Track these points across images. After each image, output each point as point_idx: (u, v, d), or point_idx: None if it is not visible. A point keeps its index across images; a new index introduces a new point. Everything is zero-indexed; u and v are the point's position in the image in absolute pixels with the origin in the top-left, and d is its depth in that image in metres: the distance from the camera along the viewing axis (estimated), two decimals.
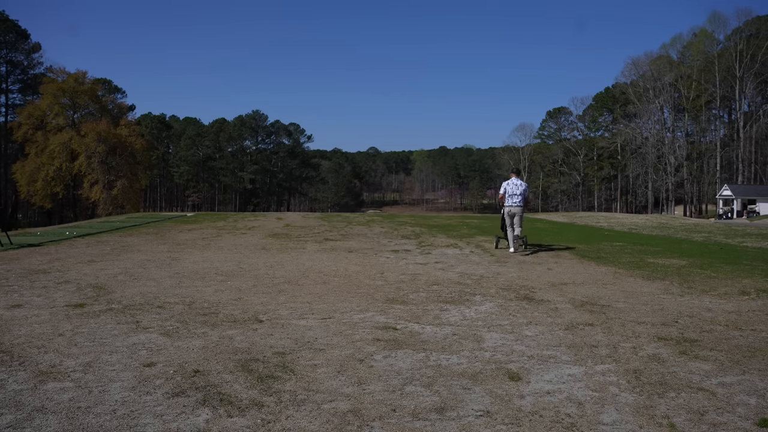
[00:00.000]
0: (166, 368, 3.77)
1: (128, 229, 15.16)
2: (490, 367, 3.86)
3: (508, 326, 5.03)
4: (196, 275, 7.69)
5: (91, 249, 10.62)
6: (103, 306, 5.67)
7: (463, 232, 15.67)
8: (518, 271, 8.44)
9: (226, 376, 3.64)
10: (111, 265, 8.48)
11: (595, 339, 4.60)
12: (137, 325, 4.90)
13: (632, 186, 76.09)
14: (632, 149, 71.10)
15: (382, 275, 7.78)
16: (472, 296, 6.44)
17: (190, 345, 4.32)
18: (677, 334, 4.77)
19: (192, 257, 9.60)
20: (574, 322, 5.19)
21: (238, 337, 4.55)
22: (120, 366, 3.81)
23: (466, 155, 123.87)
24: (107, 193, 49.54)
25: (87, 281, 7.10)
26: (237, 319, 5.15)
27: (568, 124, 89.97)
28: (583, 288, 7.01)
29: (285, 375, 3.67)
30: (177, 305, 5.76)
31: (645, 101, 67.99)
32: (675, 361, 4.04)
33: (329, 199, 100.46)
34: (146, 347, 4.24)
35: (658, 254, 10.70)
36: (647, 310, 5.72)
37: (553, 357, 4.11)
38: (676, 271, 8.51)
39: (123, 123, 55.18)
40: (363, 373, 3.74)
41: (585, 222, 21.41)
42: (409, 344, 4.42)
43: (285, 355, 4.07)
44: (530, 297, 6.41)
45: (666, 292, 6.80)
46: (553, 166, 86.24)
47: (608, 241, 13.36)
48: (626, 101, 72.61)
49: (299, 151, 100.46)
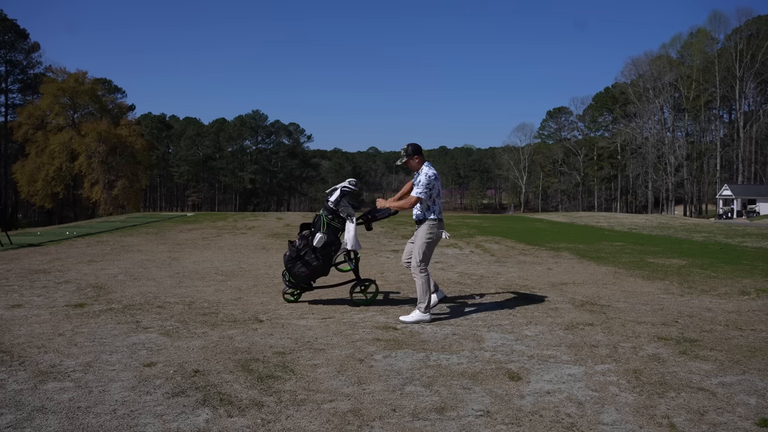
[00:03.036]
0: (166, 368, 3.76)
1: (128, 229, 15.15)
2: (490, 367, 3.86)
3: (508, 326, 5.03)
4: (196, 275, 7.69)
5: (91, 249, 10.62)
6: (103, 306, 5.67)
7: (463, 232, 15.67)
8: (518, 270, 8.43)
9: (226, 375, 3.64)
10: (111, 265, 8.48)
11: (595, 339, 4.60)
12: (137, 325, 4.90)
13: (632, 186, 76.10)
14: (632, 149, 71.11)
15: (382, 275, 7.78)
16: (471, 296, 6.43)
17: (190, 345, 4.32)
18: (677, 334, 4.76)
19: (192, 257, 9.60)
20: (574, 322, 5.19)
21: (238, 337, 4.55)
22: (120, 366, 3.80)
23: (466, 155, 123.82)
24: (107, 193, 49.55)
25: (87, 281, 7.10)
26: (237, 319, 5.15)
27: (568, 123, 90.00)
28: (583, 288, 7.01)
29: (285, 375, 3.67)
30: (177, 305, 5.76)
31: (645, 101, 68.00)
32: (675, 361, 4.04)
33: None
34: (146, 347, 4.24)
35: (658, 254, 10.70)
36: (647, 310, 5.72)
37: (553, 357, 4.11)
38: (676, 271, 8.51)
39: (123, 123, 55.18)
40: (363, 372, 3.74)
41: (585, 222, 21.40)
42: (409, 344, 4.42)
43: (285, 355, 4.07)
44: (530, 297, 6.40)
45: (666, 291, 6.80)
46: (553, 166, 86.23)
47: (608, 241, 13.36)
48: (626, 101, 72.60)
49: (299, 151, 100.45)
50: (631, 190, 77.93)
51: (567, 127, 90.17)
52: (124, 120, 56.99)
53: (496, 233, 15.26)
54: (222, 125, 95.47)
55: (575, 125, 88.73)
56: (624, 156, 74.52)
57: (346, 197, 5.59)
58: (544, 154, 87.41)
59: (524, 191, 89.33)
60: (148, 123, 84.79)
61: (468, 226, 18.20)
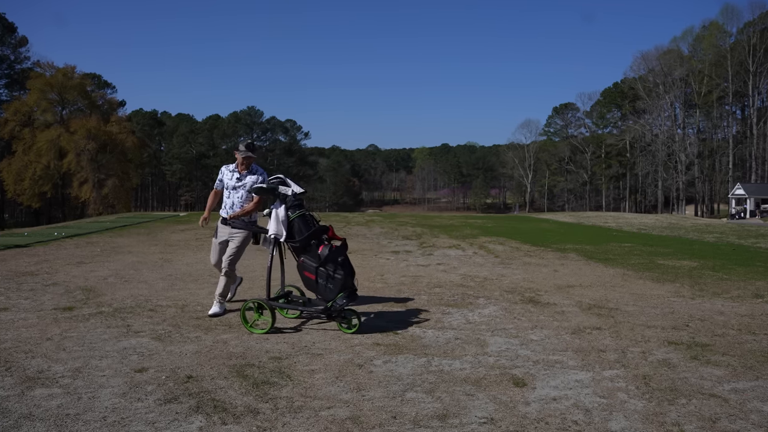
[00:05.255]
0: (158, 374, 3.77)
1: (119, 230, 15.16)
2: (494, 373, 3.86)
3: (512, 330, 5.03)
4: (189, 277, 7.69)
5: (81, 250, 10.62)
6: (92, 309, 5.67)
7: (466, 232, 15.68)
8: (523, 273, 8.43)
9: (221, 381, 3.64)
10: (101, 267, 8.48)
11: (603, 343, 4.61)
12: (128, 329, 4.90)
13: (641, 185, 76.10)
14: (641, 146, 71.12)
15: (382, 277, 7.78)
16: (475, 299, 6.44)
17: (183, 350, 4.32)
18: (688, 339, 4.77)
19: (185, 258, 9.60)
20: (581, 325, 5.20)
21: (232, 342, 4.55)
22: (110, 371, 3.81)
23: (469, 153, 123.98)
24: (97, 192, 49.54)
25: (76, 284, 7.10)
26: (231, 323, 5.15)
27: (574, 120, 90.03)
28: (590, 290, 7.01)
29: (281, 381, 3.67)
30: (169, 308, 5.76)
31: (655, 97, 68.00)
32: (686, 366, 4.04)
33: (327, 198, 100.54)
34: (137, 352, 4.24)
35: (668, 255, 10.70)
36: (657, 314, 5.72)
37: (559, 362, 4.11)
38: (687, 272, 8.51)
39: (113, 119, 55.18)
40: (362, 378, 3.74)
41: (593, 222, 21.41)
42: (410, 349, 4.42)
43: (281, 360, 4.08)
44: (536, 300, 6.41)
45: (677, 294, 6.80)
46: (560, 164, 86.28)
47: (617, 242, 13.36)
48: (635, 97, 72.61)
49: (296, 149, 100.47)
50: (641, 189, 77.92)
51: (574, 124, 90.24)
52: (114, 116, 56.98)
53: (500, 234, 15.26)
54: (216, 122, 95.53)
55: (582, 122, 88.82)
56: (633, 154, 74.55)
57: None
58: (550, 151, 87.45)
59: (529, 190, 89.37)
60: (139, 119, 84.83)
61: (471, 226, 18.21)
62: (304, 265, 4.93)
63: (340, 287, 4.80)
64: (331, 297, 4.80)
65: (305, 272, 4.92)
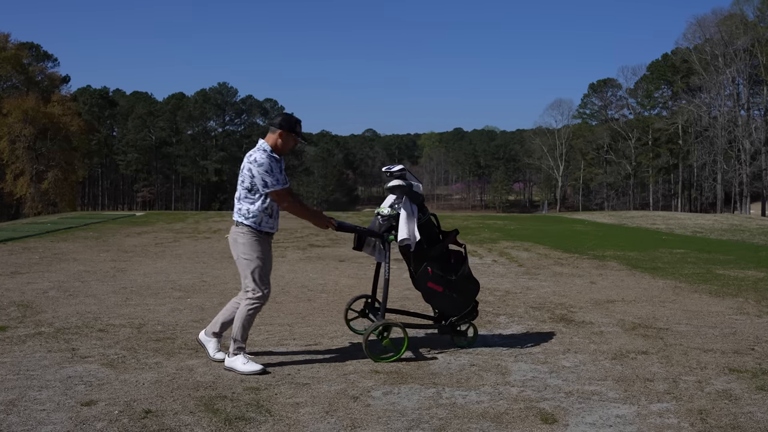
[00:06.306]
0: (110, 408, 3.77)
1: (62, 233, 15.17)
2: (517, 407, 3.87)
3: (540, 355, 5.03)
4: (147, 291, 7.71)
5: (15, 257, 10.63)
6: (30, 329, 5.68)
7: (484, 236, 15.69)
8: (553, 285, 8.44)
9: (185, 417, 3.64)
10: (40, 278, 8.49)
11: (650, 371, 4.61)
12: (73, 354, 4.91)
13: (697, 178, 76.17)
14: (697, 132, 71.16)
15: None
16: (495, 317, 6.45)
17: (140, 378, 4.32)
18: (753, 365, 4.77)
19: (142, 268, 9.62)
20: (623, 349, 5.20)
21: (200, 369, 4.56)
22: (52, 405, 3.81)
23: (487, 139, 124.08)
24: (36, 186, 49.63)
25: (10, 298, 7.10)
26: (199, 347, 5.16)
27: (615, 100, 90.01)
28: (634, 307, 7.02)
29: (259, 416, 3.67)
30: (123, 328, 5.76)
31: (713, 71, 68.04)
32: (751, 398, 4.04)
33: (315, 194, 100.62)
34: (85, 381, 4.25)
35: (729, 264, 10.71)
36: (716, 335, 5.73)
37: (597, 393, 4.11)
38: (752, 285, 8.52)
39: (55, 99, 55.34)
40: (357, 413, 3.74)
41: (637, 224, 21.43)
42: (416, 377, 4.43)
43: (259, 391, 4.08)
44: (568, 318, 6.42)
45: (739, 311, 6.81)
46: (597, 153, 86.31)
47: (667, 248, 13.38)
48: (689, 71, 72.64)
49: None
50: (696, 183, 78.00)
51: (614, 105, 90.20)
52: (56, 95, 57.12)
53: (525, 238, 15.27)
54: (180, 102, 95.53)
55: (625, 102, 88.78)
56: (687, 141, 74.59)
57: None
58: (585, 138, 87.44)
59: (561, 185, 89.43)
60: (86, 99, 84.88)
61: (490, 228, 18.22)
62: (431, 275, 5.09)
63: (473, 300, 5.22)
64: (458, 312, 5.15)
65: (429, 283, 5.09)
